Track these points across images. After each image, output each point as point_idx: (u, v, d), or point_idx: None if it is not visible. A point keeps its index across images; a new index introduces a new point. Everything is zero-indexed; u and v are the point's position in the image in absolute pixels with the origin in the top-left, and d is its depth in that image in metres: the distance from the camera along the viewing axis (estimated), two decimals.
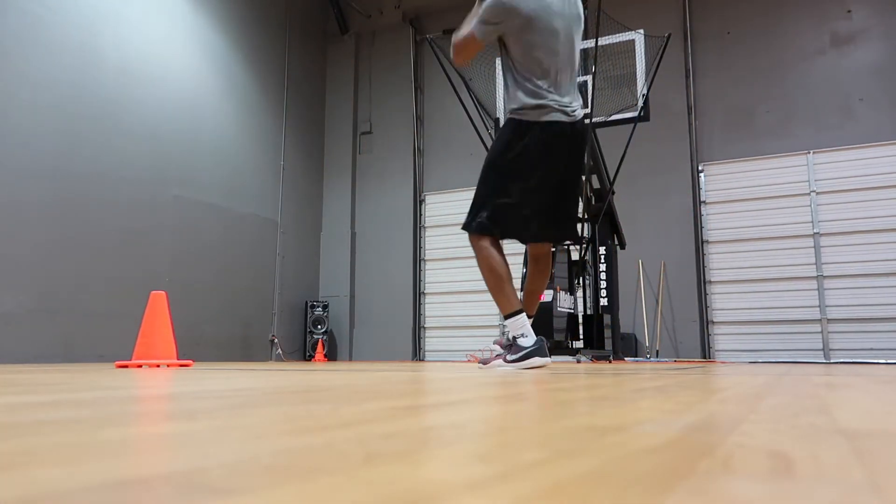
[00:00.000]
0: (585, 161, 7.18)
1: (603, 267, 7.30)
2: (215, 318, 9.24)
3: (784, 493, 0.40)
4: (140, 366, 4.36)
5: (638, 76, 7.24)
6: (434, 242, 11.12)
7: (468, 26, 3.50)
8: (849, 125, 8.90)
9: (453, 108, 9.80)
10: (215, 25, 9.70)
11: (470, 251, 3.71)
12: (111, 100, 7.97)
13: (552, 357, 4.54)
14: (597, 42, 6.65)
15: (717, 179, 9.49)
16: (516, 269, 8.72)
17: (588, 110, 6.89)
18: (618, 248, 7.66)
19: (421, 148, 11.49)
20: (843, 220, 8.75)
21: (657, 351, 9.27)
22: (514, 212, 3.45)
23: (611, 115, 7.32)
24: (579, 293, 7.29)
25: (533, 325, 3.55)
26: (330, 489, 0.39)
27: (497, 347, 3.83)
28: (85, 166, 7.55)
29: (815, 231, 8.85)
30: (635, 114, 7.12)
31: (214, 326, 9.21)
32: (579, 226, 7.63)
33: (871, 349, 8.38)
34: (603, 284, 7.28)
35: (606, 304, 7.26)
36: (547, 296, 6.45)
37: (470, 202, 3.62)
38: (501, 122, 7.64)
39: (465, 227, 3.60)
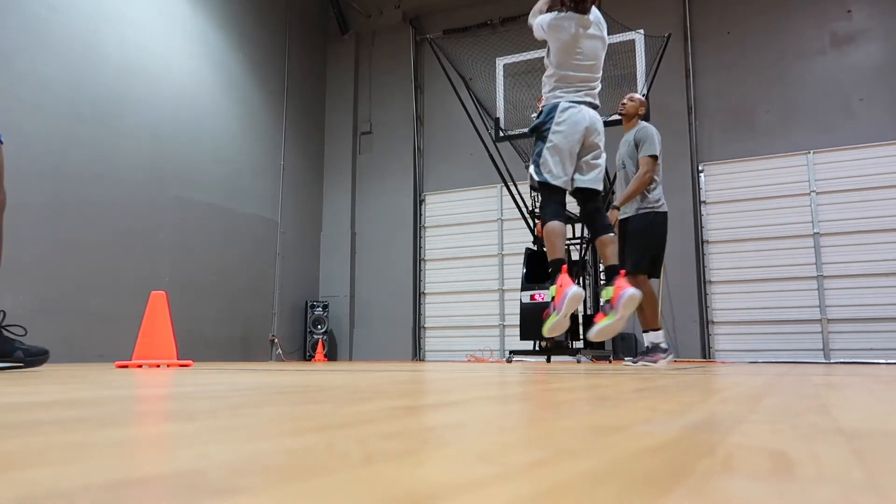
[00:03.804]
0: None
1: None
2: (215, 318, 9.24)
3: (784, 493, 0.40)
4: (140, 366, 4.36)
5: (638, 76, 7.25)
6: (434, 242, 11.11)
7: None
8: (849, 125, 8.90)
9: (453, 108, 9.82)
10: (215, 25, 9.70)
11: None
12: (112, 99, 7.97)
13: (552, 357, 4.61)
14: None
15: (717, 179, 9.48)
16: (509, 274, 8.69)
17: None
18: None
19: (421, 148, 11.49)
20: (843, 220, 8.75)
21: None
22: None
23: (611, 116, 7.33)
24: None
25: (533, 326, 3.68)
26: (330, 489, 0.39)
27: None
28: (85, 166, 7.55)
29: (815, 231, 8.85)
30: None
31: (214, 326, 9.21)
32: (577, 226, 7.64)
33: (871, 349, 8.38)
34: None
35: None
36: (547, 296, 6.45)
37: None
38: (502, 123, 7.66)
39: None
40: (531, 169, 4.07)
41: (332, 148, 11.91)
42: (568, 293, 3.67)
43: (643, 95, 7.07)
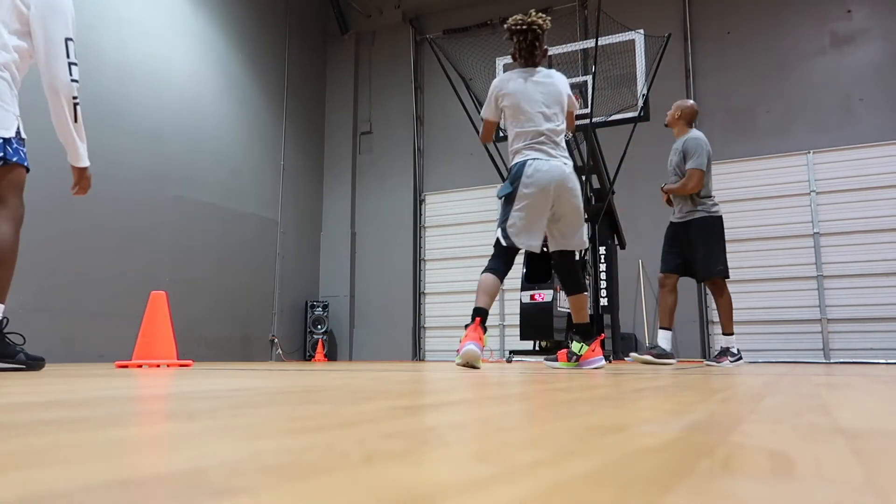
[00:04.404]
0: (585, 161, 7.19)
1: (603, 267, 7.30)
2: (215, 318, 9.24)
3: (784, 493, 0.40)
4: (140, 366, 4.36)
5: (638, 76, 7.24)
6: (434, 242, 11.11)
7: None
8: (849, 125, 8.90)
9: (453, 108, 9.81)
10: (215, 25, 9.70)
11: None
12: (111, 100, 7.97)
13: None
14: (597, 42, 6.65)
15: (717, 179, 9.47)
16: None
17: (588, 110, 6.91)
18: (618, 248, 7.66)
19: (421, 148, 11.49)
20: (843, 220, 8.75)
21: None
22: None
23: (611, 115, 7.33)
24: None
25: (533, 326, 3.72)
26: (330, 489, 0.39)
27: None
28: None
29: (815, 231, 8.85)
30: (635, 114, 7.12)
31: (214, 326, 9.21)
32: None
33: (871, 349, 8.38)
34: (603, 284, 7.28)
35: (606, 304, 7.26)
36: (547, 296, 6.46)
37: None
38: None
39: None
40: (499, 232, 3.96)
41: (332, 148, 11.91)
42: (465, 348, 3.75)
43: (643, 95, 7.07)
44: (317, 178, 11.73)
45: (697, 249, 5.33)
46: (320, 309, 10.90)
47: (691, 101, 5.60)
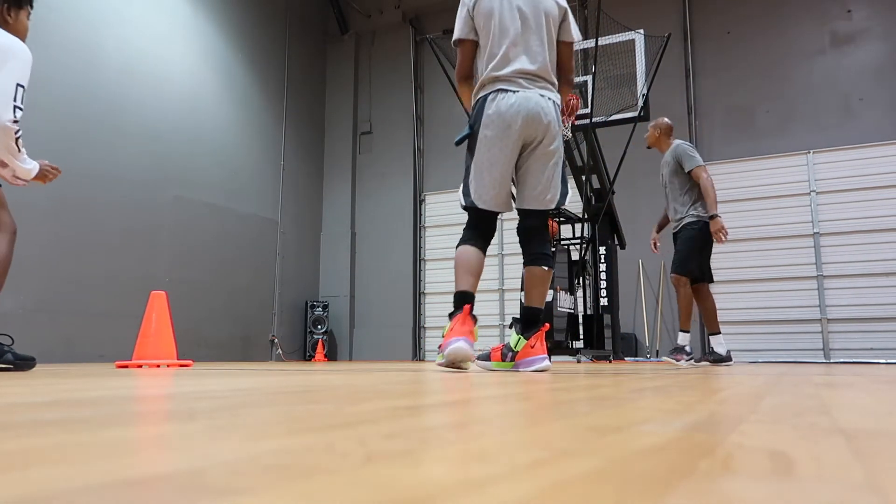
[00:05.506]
0: (585, 161, 7.19)
1: (603, 267, 7.30)
2: (215, 318, 9.24)
3: (784, 493, 0.40)
4: (140, 366, 4.36)
5: (638, 76, 7.25)
6: (434, 242, 11.11)
7: None
8: (849, 125, 8.90)
9: (453, 108, 9.81)
10: (215, 25, 9.70)
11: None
12: (112, 100, 7.97)
13: (552, 357, 4.57)
14: (597, 42, 6.65)
15: (717, 179, 9.44)
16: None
17: (588, 110, 6.91)
18: (618, 248, 7.67)
19: (421, 148, 11.49)
20: (843, 219, 8.76)
21: (657, 351, 9.27)
22: None
23: (611, 115, 7.33)
24: (579, 293, 7.29)
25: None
26: (330, 489, 0.39)
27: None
28: (85, 166, 7.56)
29: (815, 231, 8.85)
30: (635, 114, 7.12)
31: (214, 326, 9.21)
32: (578, 226, 7.64)
33: (871, 349, 8.38)
34: (603, 284, 7.28)
35: (606, 304, 7.26)
36: (547, 296, 6.46)
37: None
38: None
39: None
40: (461, 189, 3.16)
41: (332, 148, 11.91)
42: (451, 344, 2.90)
43: (643, 95, 7.07)
44: (317, 178, 11.73)
45: (679, 245, 5.37)
46: (320, 309, 10.90)
47: (665, 119, 5.62)
